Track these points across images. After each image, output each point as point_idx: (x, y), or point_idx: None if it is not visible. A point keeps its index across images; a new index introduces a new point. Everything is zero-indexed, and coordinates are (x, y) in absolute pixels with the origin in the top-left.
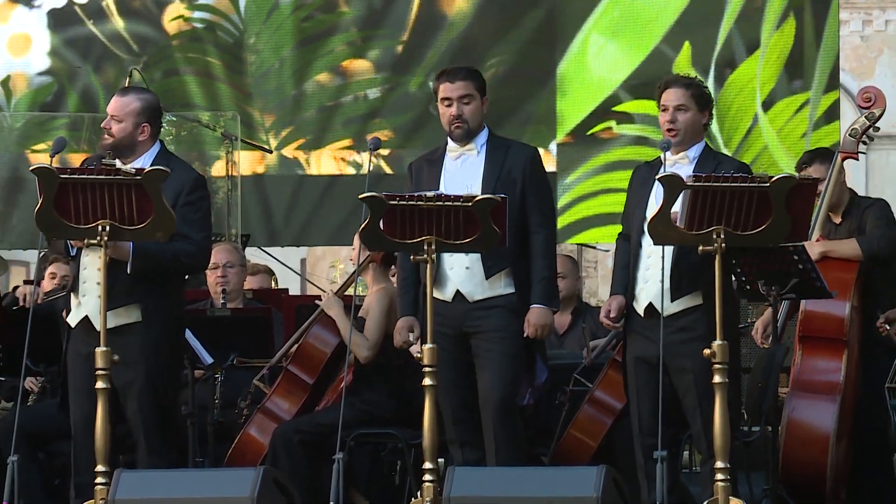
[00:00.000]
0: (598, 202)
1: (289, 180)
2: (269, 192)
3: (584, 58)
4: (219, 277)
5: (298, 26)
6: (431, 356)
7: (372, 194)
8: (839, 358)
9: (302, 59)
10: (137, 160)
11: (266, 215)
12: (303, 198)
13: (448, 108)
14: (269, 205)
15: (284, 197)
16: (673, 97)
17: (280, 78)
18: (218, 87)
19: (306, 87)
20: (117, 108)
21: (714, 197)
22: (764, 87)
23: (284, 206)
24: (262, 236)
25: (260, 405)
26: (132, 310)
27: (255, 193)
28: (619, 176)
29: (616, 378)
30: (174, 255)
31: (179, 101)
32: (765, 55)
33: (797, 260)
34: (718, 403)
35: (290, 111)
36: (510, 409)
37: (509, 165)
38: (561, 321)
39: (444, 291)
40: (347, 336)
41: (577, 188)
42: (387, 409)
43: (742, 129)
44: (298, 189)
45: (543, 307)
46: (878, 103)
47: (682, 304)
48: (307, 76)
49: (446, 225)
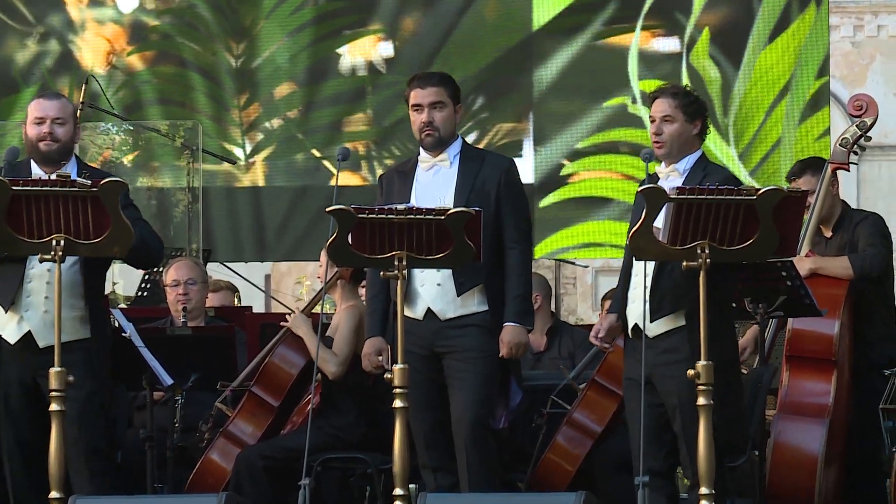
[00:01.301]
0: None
1: (253, 192)
2: (232, 204)
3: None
4: (180, 295)
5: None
6: (402, 377)
7: (340, 207)
8: (828, 379)
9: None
10: (64, 168)
11: (229, 229)
12: (268, 210)
13: (418, 115)
14: (231, 218)
15: (248, 209)
16: (659, 108)
17: (248, 84)
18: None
19: (274, 94)
20: (59, 110)
21: (698, 210)
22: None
23: (248, 220)
24: (224, 251)
25: (222, 428)
26: (80, 325)
27: (216, 206)
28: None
29: (596, 399)
30: (141, 238)
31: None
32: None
33: (785, 276)
34: (703, 427)
35: (259, 118)
36: (484, 433)
37: (483, 177)
38: (537, 341)
39: (414, 309)
40: (315, 354)
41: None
42: (355, 433)
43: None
44: (263, 201)
45: (518, 325)
46: (869, 112)
47: (665, 324)
48: (277, 82)
49: (418, 240)
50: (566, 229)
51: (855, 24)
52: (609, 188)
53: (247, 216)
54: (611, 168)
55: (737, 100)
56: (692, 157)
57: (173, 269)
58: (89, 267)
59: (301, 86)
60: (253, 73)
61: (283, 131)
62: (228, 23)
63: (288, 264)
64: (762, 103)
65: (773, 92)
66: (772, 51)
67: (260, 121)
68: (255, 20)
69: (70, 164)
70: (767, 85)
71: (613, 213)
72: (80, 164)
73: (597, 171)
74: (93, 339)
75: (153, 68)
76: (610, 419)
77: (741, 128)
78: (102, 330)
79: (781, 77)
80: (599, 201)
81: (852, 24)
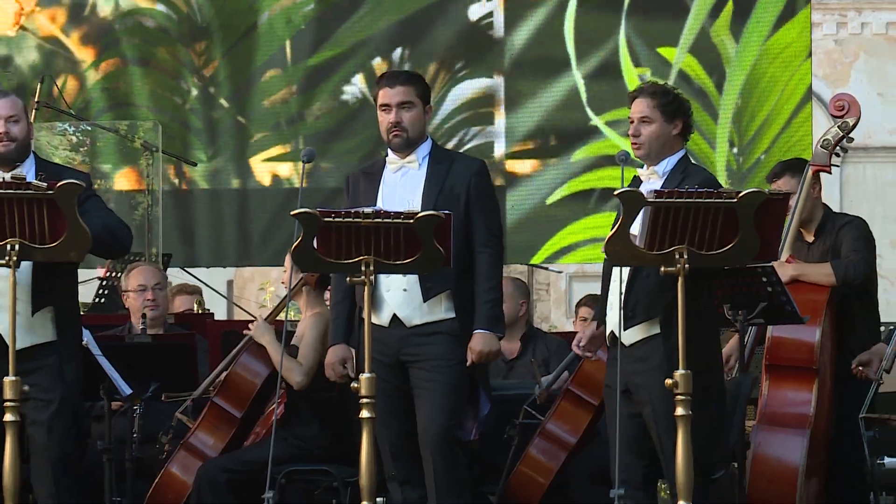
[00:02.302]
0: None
1: (215, 194)
2: (193, 207)
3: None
4: (148, 300)
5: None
6: (369, 386)
7: (305, 210)
8: (809, 388)
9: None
10: (21, 168)
11: (189, 233)
12: (230, 214)
13: (386, 115)
14: (192, 221)
15: (210, 213)
16: (637, 108)
17: (211, 83)
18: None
19: (237, 94)
20: (11, 108)
21: (677, 214)
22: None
23: (210, 223)
24: (184, 256)
25: (183, 440)
26: (50, 328)
27: (177, 209)
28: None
29: (570, 409)
30: (105, 227)
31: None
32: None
33: (766, 282)
34: (681, 438)
35: (221, 119)
36: (452, 444)
37: (453, 179)
38: (509, 348)
39: (379, 316)
40: (279, 362)
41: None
42: (321, 444)
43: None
44: (225, 204)
45: (488, 333)
46: (851, 112)
47: (639, 332)
48: (240, 81)
49: (385, 244)
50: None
51: (838, 21)
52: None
53: (207, 220)
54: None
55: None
56: (672, 159)
57: (138, 274)
58: (58, 266)
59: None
60: (213, 73)
61: (243, 132)
62: (187, 22)
63: (251, 270)
64: (777, 83)
65: (786, 74)
66: (788, 30)
67: (221, 122)
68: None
69: (28, 164)
70: (782, 65)
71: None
72: (38, 162)
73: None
74: (62, 343)
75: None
76: (585, 430)
77: (754, 108)
78: (74, 332)
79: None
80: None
81: (835, 22)
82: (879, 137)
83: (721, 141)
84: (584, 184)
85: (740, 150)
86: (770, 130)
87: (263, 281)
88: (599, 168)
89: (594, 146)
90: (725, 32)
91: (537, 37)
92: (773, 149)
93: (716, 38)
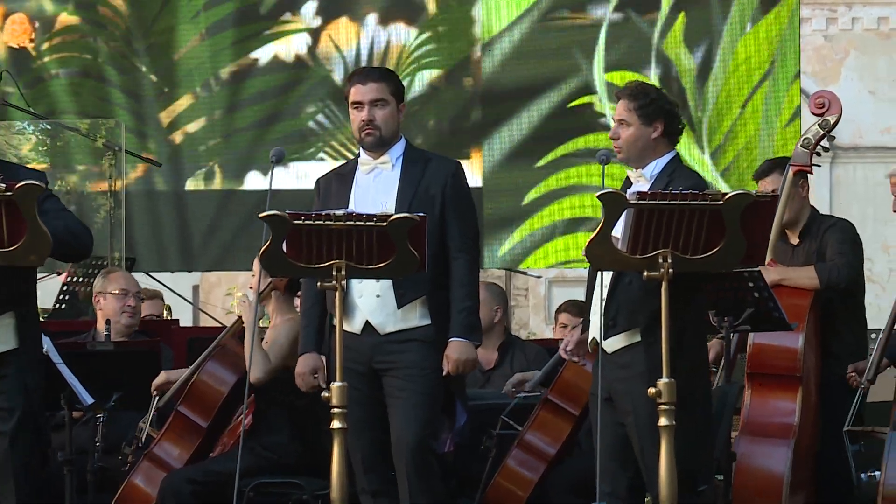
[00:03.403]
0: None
1: (180, 196)
2: (158, 209)
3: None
4: (129, 307)
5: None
6: (340, 396)
7: (274, 213)
8: (793, 397)
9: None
10: None
11: (154, 236)
12: (196, 216)
13: (358, 113)
14: (157, 224)
15: (175, 215)
16: (617, 110)
17: (174, 79)
18: (104, 91)
19: (204, 89)
20: None
21: (660, 217)
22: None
23: (175, 226)
24: (148, 260)
25: (147, 451)
26: (4, 334)
27: (141, 211)
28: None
29: (549, 419)
30: (67, 229)
31: (56, 106)
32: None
33: (753, 287)
34: (665, 449)
35: (185, 117)
36: (427, 456)
37: (428, 181)
38: (487, 357)
39: (352, 322)
40: (249, 351)
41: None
42: (290, 456)
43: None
44: (191, 206)
45: (464, 341)
46: (832, 109)
47: (621, 340)
48: (205, 74)
49: (358, 248)
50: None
51: (828, 16)
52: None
53: (172, 222)
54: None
55: (713, 91)
56: (661, 162)
57: (120, 278)
58: (16, 270)
59: (224, 84)
60: (173, 71)
61: (208, 132)
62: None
63: (217, 274)
64: (738, 95)
65: (751, 83)
66: (751, 38)
67: (183, 121)
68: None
69: None
70: (744, 76)
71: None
72: None
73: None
74: (24, 351)
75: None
76: (565, 440)
77: (714, 123)
78: (35, 340)
79: (759, 68)
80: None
81: (825, 17)
82: (870, 137)
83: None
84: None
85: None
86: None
87: (231, 286)
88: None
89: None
90: (680, 46)
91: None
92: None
93: (670, 52)
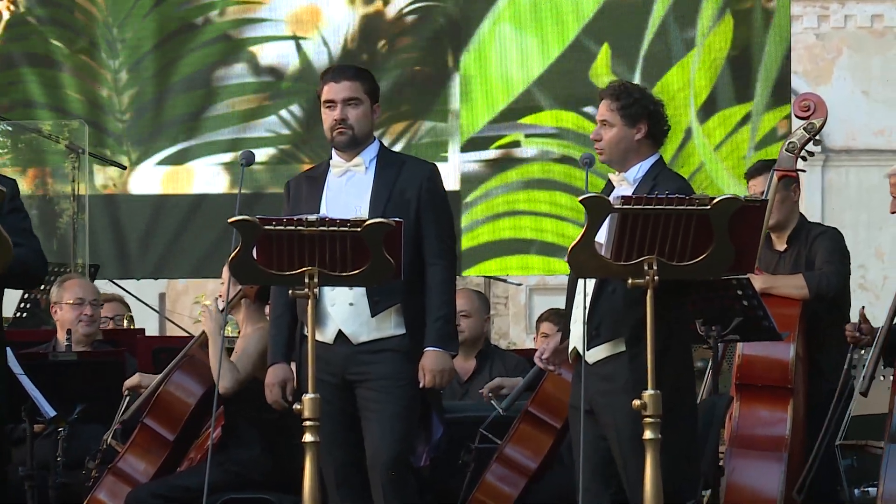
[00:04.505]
0: (503, 225)
1: (146, 201)
2: (123, 214)
3: (488, 52)
4: (85, 315)
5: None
6: (312, 408)
7: (243, 218)
8: (784, 409)
9: (165, 56)
10: None
11: (119, 242)
12: (163, 222)
13: (331, 112)
14: (122, 230)
15: (141, 220)
16: (600, 110)
17: (139, 79)
18: (64, 91)
19: (170, 91)
20: None
21: (645, 222)
22: (698, 95)
23: (141, 232)
24: (113, 267)
25: (111, 465)
26: None
27: (105, 216)
28: (528, 196)
29: (529, 432)
30: (22, 262)
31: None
32: (700, 57)
33: (741, 295)
34: (650, 464)
35: (150, 119)
36: (403, 471)
37: (402, 184)
38: (465, 367)
39: (324, 332)
40: (217, 362)
41: (479, 207)
42: (261, 470)
43: (674, 143)
44: (158, 211)
45: (440, 351)
46: (818, 112)
47: (604, 350)
48: (172, 76)
49: (331, 254)
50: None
51: (820, 13)
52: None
53: (139, 228)
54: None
55: None
56: (644, 165)
57: (76, 286)
58: None
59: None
60: (143, 68)
61: (180, 133)
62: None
63: (185, 282)
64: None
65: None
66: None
67: (151, 120)
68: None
69: None
70: (684, 103)
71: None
72: None
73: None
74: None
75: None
76: (546, 454)
77: None
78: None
79: (699, 95)
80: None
81: (816, 14)
82: (864, 139)
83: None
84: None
85: None
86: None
87: (198, 294)
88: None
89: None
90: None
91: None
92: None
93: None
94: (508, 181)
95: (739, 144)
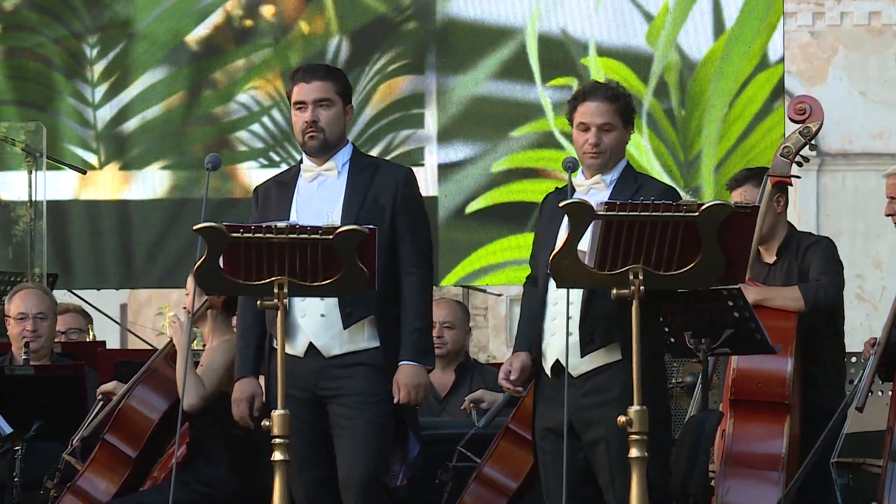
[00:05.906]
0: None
1: (108, 207)
2: (83, 221)
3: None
4: (27, 331)
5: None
6: (282, 425)
7: (209, 225)
8: (780, 425)
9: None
10: None
11: (78, 250)
12: (125, 229)
13: (301, 114)
14: (81, 237)
15: (101, 228)
16: (597, 114)
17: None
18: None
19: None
20: None
21: (630, 229)
22: None
23: (101, 239)
24: (72, 276)
25: (70, 484)
26: None
27: (64, 223)
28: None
29: (509, 450)
30: None
31: None
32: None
33: (732, 306)
34: (636, 482)
35: (113, 121)
36: (377, 491)
37: (377, 189)
38: (443, 381)
39: (294, 345)
40: (182, 374)
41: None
42: (228, 489)
43: None
44: (120, 218)
45: (415, 365)
46: (813, 116)
47: (596, 360)
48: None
49: (301, 263)
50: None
51: (815, 10)
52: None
53: (102, 235)
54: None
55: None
56: (619, 167)
57: (19, 300)
58: None
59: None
60: (112, 65)
61: (149, 133)
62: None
63: (147, 292)
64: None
65: (736, 82)
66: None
67: (119, 121)
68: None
69: None
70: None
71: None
72: None
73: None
74: None
75: None
76: (527, 474)
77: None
78: None
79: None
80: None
81: (811, 12)
82: (861, 142)
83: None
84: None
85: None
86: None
87: (162, 305)
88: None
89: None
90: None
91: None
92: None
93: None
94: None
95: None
